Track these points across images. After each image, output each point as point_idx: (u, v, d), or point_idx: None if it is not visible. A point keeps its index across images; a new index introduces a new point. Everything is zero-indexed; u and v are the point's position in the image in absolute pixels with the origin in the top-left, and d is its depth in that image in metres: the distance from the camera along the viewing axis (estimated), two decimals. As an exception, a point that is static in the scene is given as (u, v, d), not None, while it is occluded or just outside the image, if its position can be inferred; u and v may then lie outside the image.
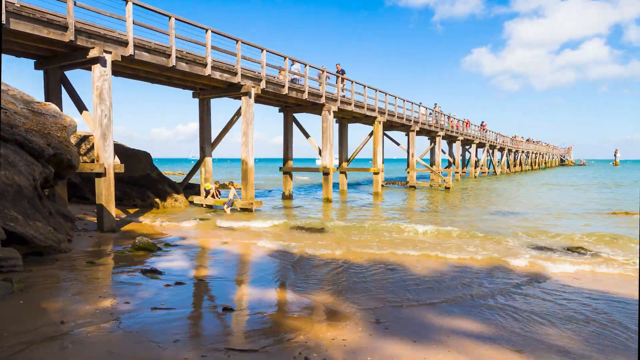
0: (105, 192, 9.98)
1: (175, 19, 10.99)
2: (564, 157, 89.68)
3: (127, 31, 10.02)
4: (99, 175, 9.98)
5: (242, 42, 13.13)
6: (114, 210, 10.23)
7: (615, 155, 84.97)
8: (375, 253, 8.16)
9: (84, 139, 13.24)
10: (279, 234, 10.23)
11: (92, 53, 9.46)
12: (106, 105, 9.94)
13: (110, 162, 10.09)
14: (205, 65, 12.13)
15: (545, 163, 73.93)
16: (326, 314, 4.96)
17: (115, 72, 11.90)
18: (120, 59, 9.95)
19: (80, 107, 10.81)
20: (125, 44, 10.04)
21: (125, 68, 11.59)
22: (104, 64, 9.71)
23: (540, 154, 69.79)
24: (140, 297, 5.36)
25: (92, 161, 11.78)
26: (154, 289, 5.68)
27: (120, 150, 14.02)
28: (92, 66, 9.76)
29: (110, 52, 9.77)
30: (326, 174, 18.13)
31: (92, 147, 12.84)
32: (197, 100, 15.10)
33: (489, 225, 11.74)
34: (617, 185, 29.50)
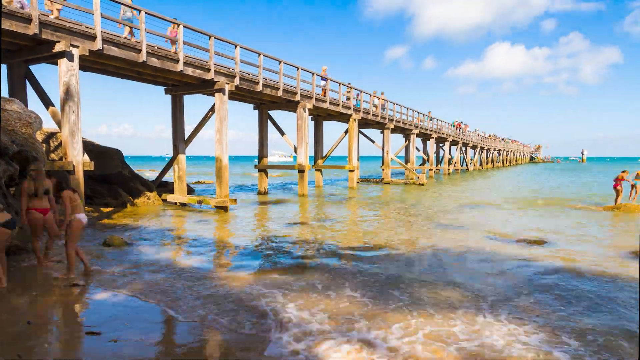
0: (74, 190, 9.70)
1: (146, 12, 10.78)
2: (533, 155, 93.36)
3: (95, 25, 9.75)
4: (68, 173, 9.71)
5: (215, 38, 12.98)
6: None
7: (582, 154, 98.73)
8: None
9: (51, 135, 12.84)
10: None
11: (58, 47, 9.18)
12: (74, 101, 9.67)
13: (79, 159, 9.84)
14: (177, 61, 11.94)
15: (516, 160, 76.01)
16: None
17: (83, 67, 11.58)
18: (88, 54, 9.69)
19: (47, 103, 10.50)
20: (93, 38, 9.78)
21: (94, 63, 11.29)
22: (70, 59, 9.44)
23: (511, 151, 71.67)
24: (109, 295, 5.27)
25: (60, 159, 11.45)
26: (124, 288, 5.59)
27: (90, 148, 13.67)
28: (59, 60, 9.46)
29: (78, 47, 9.49)
30: (301, 171, 18.15)
31: (61, 144, 12.47)
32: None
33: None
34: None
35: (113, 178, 13.97)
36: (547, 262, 7.26)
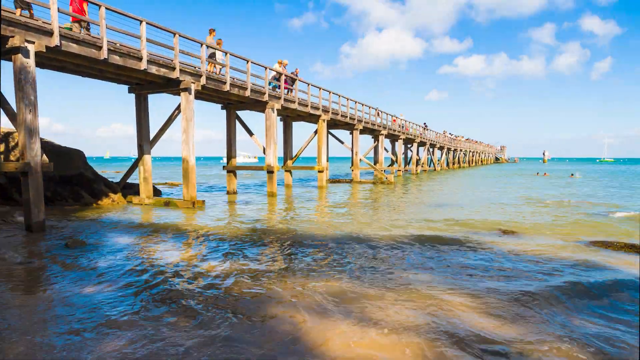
0: (33, 191, 9.35)
1: (106, 8, 10.50)
2: (498, 155, 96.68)
3: (52, 20, 9.42)
4: (25, 174, 9.34)
5: (180, 36, 12.79)
6: (42, 211, 9.61)
7: (544, 154, 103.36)
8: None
9: (7, 135, 12.35)
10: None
11: (12, 42, 8.81)
12: (30, 100, 9.31)
13: (37, 160, 9.47)
14: (140, 58, 11.69)
15: (481, 161, 78.19)
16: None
17: (41, 64, 11.19)
18: (44, 50, 9.34)
19: (2, 101, 10.04)
20: (50, 33, 9.45)
21: (52, 60, 10.91)
22: (26, 55, 9.08)
23: (477, 152, 73.69)
24: (82, 292, 5.13)
25: (18, 159, 11.00)
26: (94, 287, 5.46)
27: (50, 148, 13.23)
28: (13, 57, 9.08)
29: (34, 42, 9.15)
30: (270, 172, 18.09)
31: (18, 145, 11.98)
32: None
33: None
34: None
35: (74, 179, 13.54)
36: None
